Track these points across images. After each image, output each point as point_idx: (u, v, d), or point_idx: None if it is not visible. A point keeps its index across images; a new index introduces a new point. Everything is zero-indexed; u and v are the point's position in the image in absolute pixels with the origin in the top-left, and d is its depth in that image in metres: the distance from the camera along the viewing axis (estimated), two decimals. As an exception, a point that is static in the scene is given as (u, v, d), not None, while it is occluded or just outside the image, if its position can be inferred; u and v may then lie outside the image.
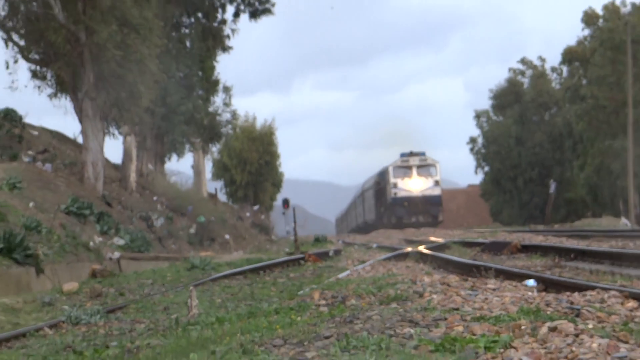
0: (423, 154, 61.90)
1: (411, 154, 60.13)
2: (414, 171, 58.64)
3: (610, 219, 56.93)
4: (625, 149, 56.13)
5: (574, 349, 7.20)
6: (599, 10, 70.74)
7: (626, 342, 7.52)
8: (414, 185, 56.39)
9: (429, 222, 57.38)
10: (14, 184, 31.58)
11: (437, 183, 59.23)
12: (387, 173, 58.77)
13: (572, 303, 10.48)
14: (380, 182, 61.57)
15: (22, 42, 38.71)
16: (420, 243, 31.66)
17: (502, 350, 7.32)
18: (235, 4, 51.77)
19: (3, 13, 38.75)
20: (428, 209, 57.47)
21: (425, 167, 59.53)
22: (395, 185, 57.49)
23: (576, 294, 11.53)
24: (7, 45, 38.93)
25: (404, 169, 59.12)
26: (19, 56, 39.26)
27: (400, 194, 57.33)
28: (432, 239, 36.34)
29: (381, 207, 62.99)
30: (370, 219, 75.70)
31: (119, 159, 46.64)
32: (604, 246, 23.93)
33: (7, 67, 41.54)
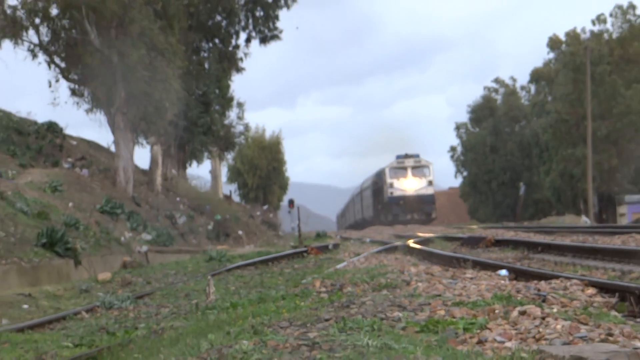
0: (417, 156, 59.97)
1: (406, 156, 58.64)
2: (409, 172, 57.03)
3: (572, 217, 57.41)
4: (585, 156, 56.38)
5: (540, 330, 7.29)
6: (562, 37, 71.08)
7: (586, 324, 7.61)
8: (408, 185, 54.25)
9: (422, 219, 55.56)
10: (56, 187, 31.89)
11: (430, 183, 57.57)
12: (384, 174, 56.95)
13: (539, 290, 10.48)
14: (378, 182, 62.31)
15: (62, 64, 38.92)
16: (408, 238, 31.73)
17: (478, 331, 7.40)
18: (247, 31, 51.94)
19: (46, 39, 39.00)
20: (422, 207, 55.79)
21: (419, 168, 57.94)
22: (391, 185, 55.76)
23: (543, 282, 11.54)
24: (49, 67, 39.16)
25: (400, 169, 57.46)
26: (60, 76, 39.45)
27: (396, 193, 55.65)
28: (419, 234, 36.61)
29: (378, 205, 63.12)
30: (368, 216, 72.90)
31: (147, 165, 47.04)
32: (567, 240, 23.72)
33: (50, 86, 41.81)
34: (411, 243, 27.13)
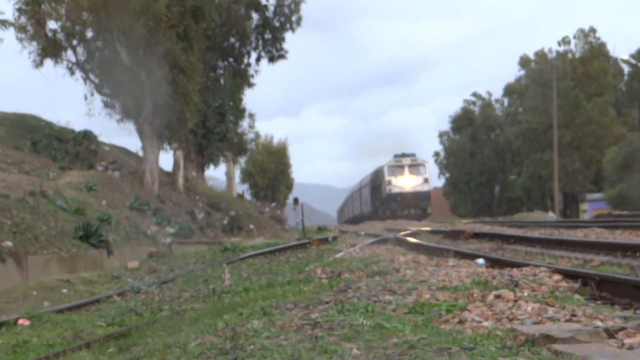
0: (414, 155, 55.82)
1: (403, 155, 55.35)
2: (406, 170, 54.07)
3: (540, 213, 57.37)
4: (552, 160, 56.66)
5: (513, 311, 7.42)
6: (532, 56, 71.57)
7: (553, 306, 7.77)
8: (406, 182, 48.82)
9: (419, 214, 52.23)
10: (91, 187, 31.53)
11: (426, 180, 54.20)
12: (382, 172, 54.00)
13: (512, 276, 10.53)
14: (376, 179, 57.94)
15: (96, 80, 38.85)
16: (398, 231, 31.50)
17: (459, 312, 7.48)
18: (257, 51, 51.21)
19: (83, 58, 39.28)
20: (418, 203, 51.77)
21: (415, 167, 54.88)
22: (389, 182, 51.81)
23: (515, 269, 11.57)
24: (85, 82, 38.92)
25: (397, 168, 53.66)
26: (94, 90, 39.28)
27: (394, 190, 51.59)
28: (407, 228, 36.14)
29: (377, 201, 58.99)
30: (367, 211, 68.45)
31: (170, 168, 47.13)
32: (536, 233, 23.71)
33: (86, 99, 41.68)
34: (400, 235, 26.83)
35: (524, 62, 71.41)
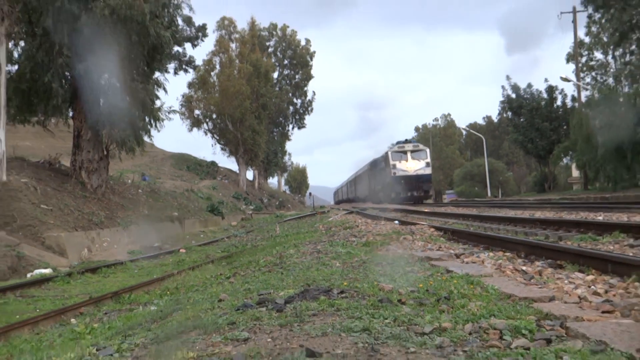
0: (415, 141, 47.06)
1: (406, 141, 44.18)
2: (409, 155, 42.39)
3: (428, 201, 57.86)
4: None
5: (412, 245, 7.90)
6: (420, 126, 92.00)
7: (430, 243, 8.28)
8: (409, 166, 42.22)
9: (421, 195, 43.30)
10: (214, 187, 39.58)
11: (428, 164, 42.68)
12: (387, 157, 43.26)
13: (411, 229, 10.89)
14: (378, 165, 47.20)
15: (216, 137, 49.57)
16: (361, 208, 29.79)
17: (386, 246, 7.84)
18: (292, 124, 63.83)
19: (211, 127, 50.00)
20: (421, 185, 42.37)
21: (417, 152, 43.10)
22: (394, 166, 42.09)
23: (412, 226, 12.00)
24: (212, 138, 49.68)
25: (401, 153, 42.85)
26: (215, 142, 50.11)
27: (399, 173, 41.77)
28: (364, 206, 35.30)
29: (378, 185, 47.22)
30: (362, 195, 55.63)
31: (251, 178, 55.62)
32: (423, 209, 25.89)
33: (212, 146, 53.05)
34: (359, 210, 27.02)
35: (418, 129, 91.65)
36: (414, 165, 42.24)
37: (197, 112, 50.73)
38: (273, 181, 74.21)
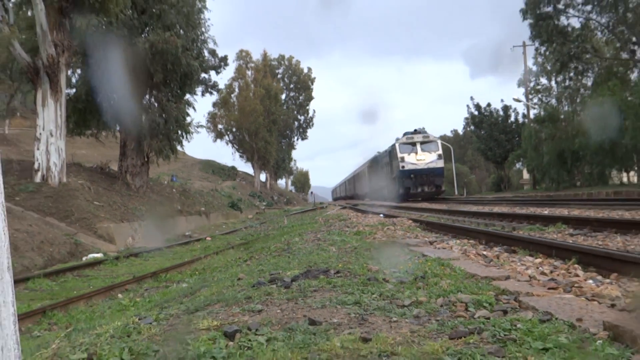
0: (425, 131, 33.19)
1: (415, 131, 32.53)
2: (419, 147, 33.69)
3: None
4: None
5: (394, 234, 7.68)
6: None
7: (408, 232, 8.08)
8: (419, 159, 31.44)
9: (433, 191, 31.82)
10: (234, 187, 40.80)
11: (440, 157, 31.99)
12: (394, 149, 32.19)
13: (393, 221, 10.64)
14: (384, 158, 36.20)
15: (235, 146, 50.44)
16: (354, 204, 29.69)
17: (373, 235, 7.64)
18: (297, 136, 63.61)
19: (231, 138, 51.01)
20: (432, 180, 31.66)
21: (428, 143, 32.55)
22: (402, 160, 31.36)
23: (394, 218, 11.73)
24: (232, 147, 50.53)
25: (409, 145, 31.87)
26: (235, 151, 51.24)
27: (408, 167, 31.21)
28: (356, 202, 34.30)
29: (387, 179, 35.38)
30: (361, 192, 43.90)
31: (264, 180, 55.76)
32: (403, 204, 23.21)
33: (232, 154, 53.38)
34: (351, 205, 26.40)
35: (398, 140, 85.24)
36: (425, 158, 31.73)
37: (220, 126, 52.57)
38: (281, 182, 74.39)
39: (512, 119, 44.65)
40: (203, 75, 31.50)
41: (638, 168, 25.86)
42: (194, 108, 25.23)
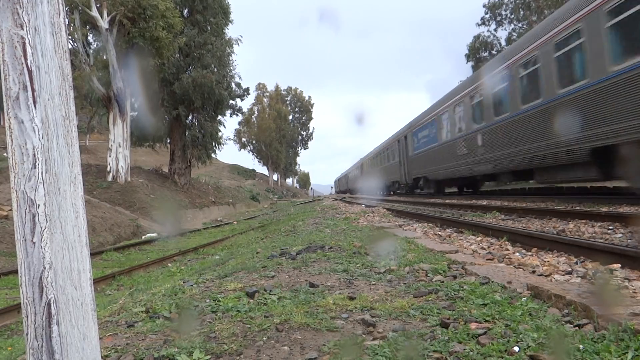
0: None
1: None
2: None
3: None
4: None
5: (373, 219, 7.35)
6: None
7: (384, 218, 7.66)
8: None
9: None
10: (253, 184, 39.94)
11: None
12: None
13: (372, 210, 10.09)
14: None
15: (255, 154, 49.39)
16: (343, 197, 28.70)
17: (357, 220, 7.25)
18: (301, 146, 60.96)
19: (252, 149, 50.08)
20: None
21: None
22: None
23: (373, 207, 11.13)
24: (252, 155, 49.46)
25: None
26: (254, 157, 50.02)
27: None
28: (348, 194, 32.42)
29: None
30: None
31: (276, 179, 55.52)
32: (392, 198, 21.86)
33: (252, 160, 51.20)
34: (342, 197, 25.72)
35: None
36: None
37: (243, 139, 52.54)
38: (289, 181, 74.20)
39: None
40: (231, 101, 31.79)
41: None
42: (224, 126, 25.38)
